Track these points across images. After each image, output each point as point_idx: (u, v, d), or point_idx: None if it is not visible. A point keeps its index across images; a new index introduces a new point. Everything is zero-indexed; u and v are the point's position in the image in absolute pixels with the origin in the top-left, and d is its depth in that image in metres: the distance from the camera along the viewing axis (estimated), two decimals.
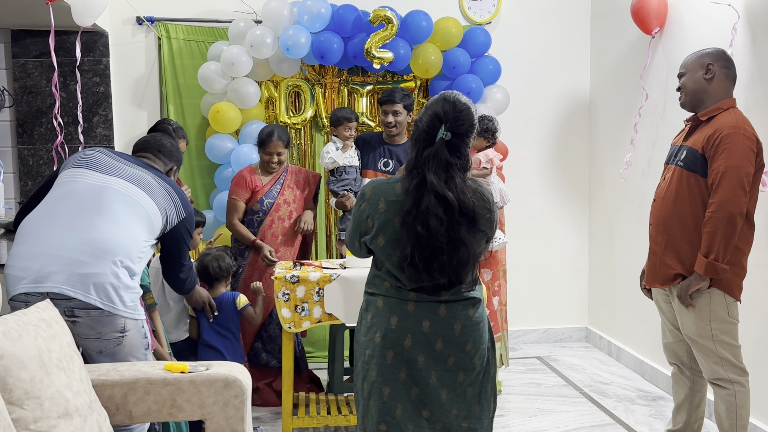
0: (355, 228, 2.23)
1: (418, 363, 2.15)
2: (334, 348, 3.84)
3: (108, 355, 2.46)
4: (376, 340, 2.16)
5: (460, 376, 2.18)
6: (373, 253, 2.23)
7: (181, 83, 4.57)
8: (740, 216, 2.71)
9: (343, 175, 4.12)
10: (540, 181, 5.12)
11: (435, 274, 2.09)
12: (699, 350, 2.89)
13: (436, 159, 2.08)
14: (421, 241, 2.06)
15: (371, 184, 2.19)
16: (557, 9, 5.03)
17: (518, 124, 4.98)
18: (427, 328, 2.15)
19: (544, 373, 4.54)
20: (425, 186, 2.07)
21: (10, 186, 4.45)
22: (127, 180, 2.58)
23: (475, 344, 2.19)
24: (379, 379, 2.15)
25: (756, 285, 3.22)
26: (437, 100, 2.15)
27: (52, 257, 2.38)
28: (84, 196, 2.51)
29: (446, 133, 2.09)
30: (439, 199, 2.06)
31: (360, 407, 2.23)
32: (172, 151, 2.89)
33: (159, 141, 2.88)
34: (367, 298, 2.25)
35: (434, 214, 2.05)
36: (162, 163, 2.84)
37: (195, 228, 3.55)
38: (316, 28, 4.30)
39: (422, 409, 2.17)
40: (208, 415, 2.30)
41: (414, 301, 2.15)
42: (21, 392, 1.82)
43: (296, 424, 3.40)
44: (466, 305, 2.18)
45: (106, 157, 2.66)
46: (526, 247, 5.03)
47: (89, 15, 3.82)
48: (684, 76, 2.92)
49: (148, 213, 2.57)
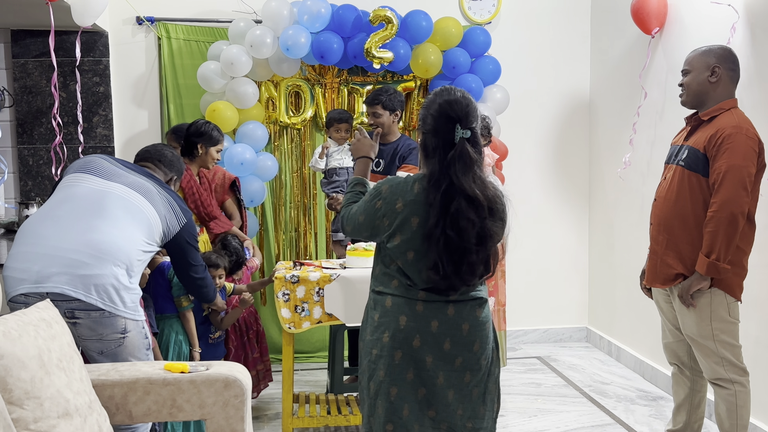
0: (365, 222, 2.20)
1: (426, 363, 2.15)
2: (334, 348, 3.84)
3: (109, 355, 2.47)
4: (384, 339, 2.16)
5: (467, 377, 2.18)
6: (376, 244, 2.23)
7: (180, 83, 4.57)
8: (742, 216, 2.70)
9: (333, 177, 4.13)
10: (540, 181, 5.12)
11: (466, 276, 2.09)
12: (699, 350, 2.89)
13: (462, 160, 2.06)
14: (450, 245, 2.05)
15: (388, 183, 2.17)
16: (557, 9, 5.03)
17: (518, 124, 4.98)
18: (435, 329, 2.14)
19: (544, 373, 4.54)
20: (454, 189, 2.05)
21: (10, 186, 4.45)
22: (128, 186, 2.61)
23: (482, 344, 2.19)
24: (387, 379, 2.15)
25: (756, 285, 3.22)
26: (437, 101, 2.12)
27: (53, 258, 2.38)
28: (85, 200, 2.53)
29: (465, 131, 2.08)
30: (469, 202, 2.05)
31: (365, 406, 2.22)
32: (173, 162, 2.93)
33: (160, 151, 2.92)
34: (375, 296, 2.23)
35: (465, 217, 2.04)
36: (162, 173, 2.89)
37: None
38: (316, 28, 4.30)
39: (428, 409, 2.17)
40: (208, 415, 2.30)
41: (423, 301, 2.14)
42: (21, 392, 1.81)
43: (296, 424, 3.39)
44: (473, 305, 2.18)
45: (108, 164, 2.68)
46: (526, 246, 5.03)
47: (89, 15, 3.82)
48: (688, 75, 2.89)
49: (148, 218, 2.59)
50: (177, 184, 3.01)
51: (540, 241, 5.13)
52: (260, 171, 4.44)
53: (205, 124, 3.72)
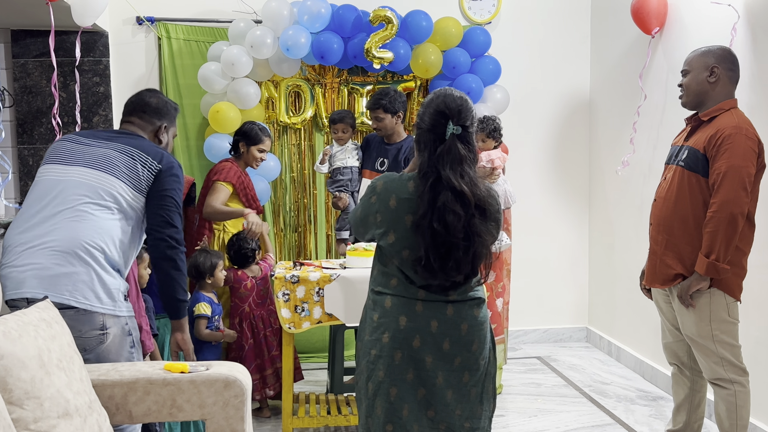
0: (362, 217, 2.22)
1: (425, 363, 2.15)
2: (334, 348, 3.84)
3: (92, 353, 2.39)
4: (383, 340, 2.16)
5: (466, 377, 2.19)
6: (377, 243, 2.23)
7: (181, 83, 4.57)
8: (741, 216, 2.70)
9: (337, 176, 4.15)
10: (540, 181, 5.12)
11: (451, 272, 2.09)
12: (699, 350, 2.89)
13: (450, 155, 2.09)
14: (437, 239, 2.06)
15: (383, 179, 2.19)
16: (557, 9, 5.03)
17: (518, 124, 4.98)
18: (435, 329, 2.15)
19: (544, 373, 4.54)
20: (441, 183, 2.07)
21: (10, 186, 4.45)
22: (87, 166, 2.48)
23: (480, 344, 2.20)
24: (386, 380, 2.15)
25: (756, 285, 3.22)
26: (434, 99, 2.16)
27: (23, 268, 2.35)
28: (46, 196, 2.45)
29: (456, 127, 2.10)
30: (456, 195, 2.07)
31: (363, 406, 2.22)
32: (159, 108, 2.70)
33: (143, 100, 2.70)
34: (374, 297, 2.23)
35: (451, 210, 2.05)
36: (149, 124, 2.68)
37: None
38: (316, 28, 4.30)
39: (427, 409, 2.18)
40: (208, 415, 2.30)
41: (422, 301, 2.15)
42: (21, 392, 1.81)
43: (296, 424, 3.40)
44: (471, 305, 2.19)
45: (72, 144, 2.55)
46: (526, 246, 5.03)
47: (89, 15, 3.82)
48: (687, 75, 2.90)
49: (111, 193, 2.46)
50: (172, 129, 2.78)
51: (540, 241, 5.13)
52: (264, 171, 4.44)
53: (248, 123, 3.98)
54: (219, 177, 3.84)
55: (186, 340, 2.65)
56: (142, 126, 2.68)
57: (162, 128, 2.71)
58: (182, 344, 2.65)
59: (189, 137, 4.62)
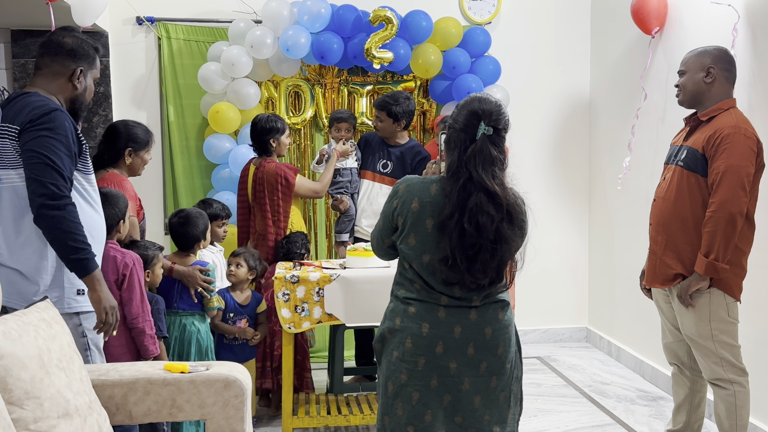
0: (383, 226, 2.20)
1: (450, 370, 2.12)
2: (334, 348, 3.84)
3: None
4: (406, 345, 2.13)
5: (493, 381, 2.16)
6: (395, 255, 2.22)
7: (181, 83, 4.57)
8: (740, 216, 2.71)
9: (337, 177, 4.13)
10: (540, 181, 5.12)
11: (478, 274, 2.08)
12: (699, 350, 2.89)
13: (481, 155, 2.07)
14: (466, 240, 2.04)
15: (405, 182, 2.17)
16: (557, 9, 5.03)
17: (518, 124, 4.94)
18: (458, 334, 2.12)
19: (544, 373, 4.54)
20: (473, 184, 2.06)
21: None
22: None
23: (505, 347, 2.17)
24: (409, 384, 2.13)
25: (756, 285, 3.22)
26: (469, 101, 2.14)
27: None
28: None
29: (488, 128, 2.09)
30: (488, 196, 2.06)
31: (380, 404, 2.20)
32: (74, 50, 2.39)
33: (56, 40, 2.38)
34: (396, 302, 2.20)
35: (485, 211, 2.04)
36: (62, 68, 2.38)
37: (215, 220, 3.54)
38: (316, 28, 4.30)
39: (455, 416, 2.15)
40: (208, 415, 2.30)
41: (445, 307, 2.12)
42: (21, 392, 1.81)
43: (296, 424, 3.40)
44: (495, 308, 2.17)
45: None
46: (526, 246, 5.02)
47: (89, 15, 3.82)
48: (684, 75, 2.91)
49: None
50: (91, 73, 2.49)
51: (540, 241, 5.08)
52: None
53: (265, 119, 3.86)
54: (291, 170, 3.85)
55: (97, 299, 2.28)
56: (54, 72, 2.38)
57: (77, 72, 2.41)
58: (93, 304, 2.30)
59: (189, 137, 4.62)
